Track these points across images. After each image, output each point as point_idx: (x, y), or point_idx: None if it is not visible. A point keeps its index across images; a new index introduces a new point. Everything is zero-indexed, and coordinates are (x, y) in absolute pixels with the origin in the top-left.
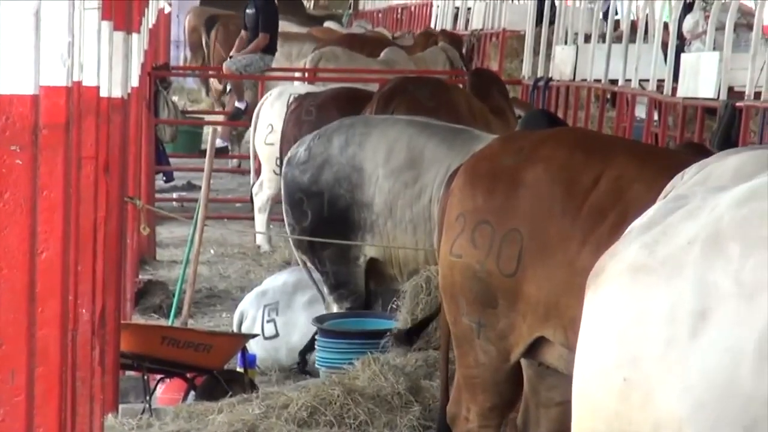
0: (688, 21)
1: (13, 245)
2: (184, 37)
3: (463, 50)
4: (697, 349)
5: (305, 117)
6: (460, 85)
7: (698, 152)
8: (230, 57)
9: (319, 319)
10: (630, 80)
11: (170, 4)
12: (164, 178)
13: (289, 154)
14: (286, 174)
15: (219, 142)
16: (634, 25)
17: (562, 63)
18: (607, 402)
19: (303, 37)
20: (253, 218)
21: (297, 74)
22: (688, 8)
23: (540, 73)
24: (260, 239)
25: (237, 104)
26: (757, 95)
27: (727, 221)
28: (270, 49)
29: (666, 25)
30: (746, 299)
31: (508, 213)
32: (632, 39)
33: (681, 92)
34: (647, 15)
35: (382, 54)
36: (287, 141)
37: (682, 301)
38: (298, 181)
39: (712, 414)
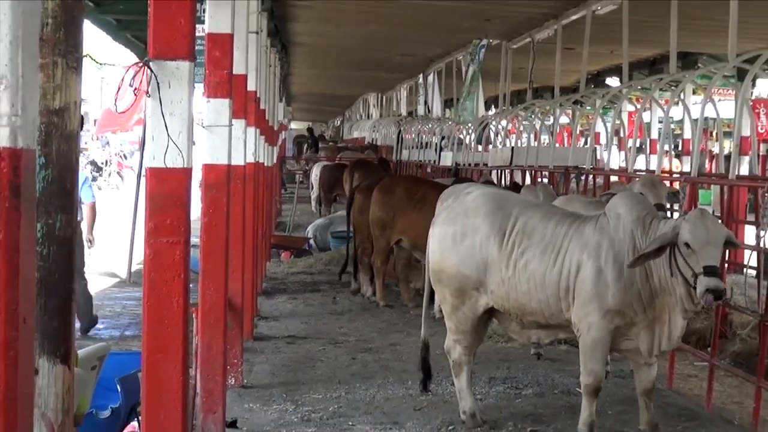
0: (443, 142)
1: (219, 210)
2: (292, 146)
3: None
4: (461, 245)
5: (325, 172)
6: (376, 162)
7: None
8: (305, 154)
9: (333, 233)
10: (424, 160)
11: (285, 136)
12: (284, 190)
13: None
14: None
15: (300, 179)
16: (428, 143)
17: (405, 155)
18: (437, 258)
19: (326, 148)
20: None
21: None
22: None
23: (399, 158)
24: (314, 208)
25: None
26: (469, 166)
27: (458, 210)
28: (316, 152)
29: (436, 144)
30: (472, 234)
31: (390, 201)
32: (428, 147)
33: (441, 163)
34: (432, 138)
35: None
36: (321, 180)
37: (455, 232)
38: None
39: (466, 265)
